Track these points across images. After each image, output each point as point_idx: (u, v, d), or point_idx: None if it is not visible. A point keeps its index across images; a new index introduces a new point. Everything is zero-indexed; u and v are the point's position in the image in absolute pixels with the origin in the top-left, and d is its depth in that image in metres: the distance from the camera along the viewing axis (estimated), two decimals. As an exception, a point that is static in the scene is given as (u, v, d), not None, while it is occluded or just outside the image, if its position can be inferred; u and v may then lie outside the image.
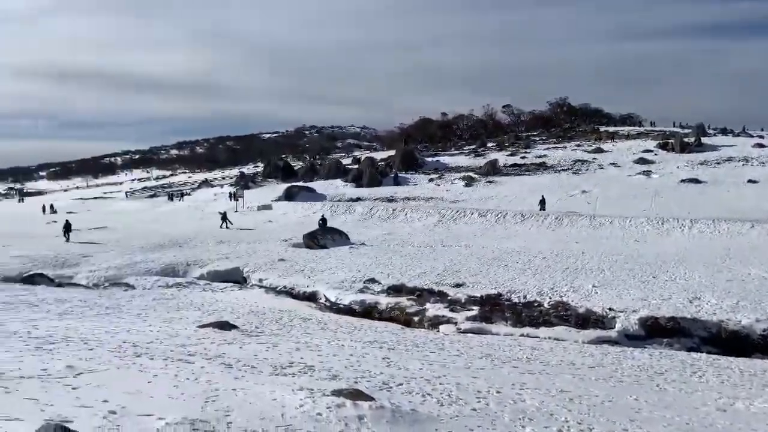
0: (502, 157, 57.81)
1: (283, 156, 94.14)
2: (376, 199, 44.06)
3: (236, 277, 22.61)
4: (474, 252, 24.72)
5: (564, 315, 15.56)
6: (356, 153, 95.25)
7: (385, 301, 18.09)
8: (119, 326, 10.96)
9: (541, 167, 53.34)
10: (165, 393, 5.96)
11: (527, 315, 15.71)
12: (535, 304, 16.49)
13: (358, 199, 44.65)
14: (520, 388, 8.04)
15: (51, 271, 22.07)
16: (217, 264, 23.80)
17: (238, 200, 45.80)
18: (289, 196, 47.11)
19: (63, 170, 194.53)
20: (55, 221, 40.44)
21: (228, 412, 5.35)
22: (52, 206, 54.96)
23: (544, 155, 57.97)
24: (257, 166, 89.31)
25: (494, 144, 70.59)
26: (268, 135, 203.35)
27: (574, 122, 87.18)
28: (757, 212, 31.13)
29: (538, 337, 14.12)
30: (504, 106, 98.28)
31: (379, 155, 69.03)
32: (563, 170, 51.33)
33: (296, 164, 75.42)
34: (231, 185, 59.22)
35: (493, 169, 51.77)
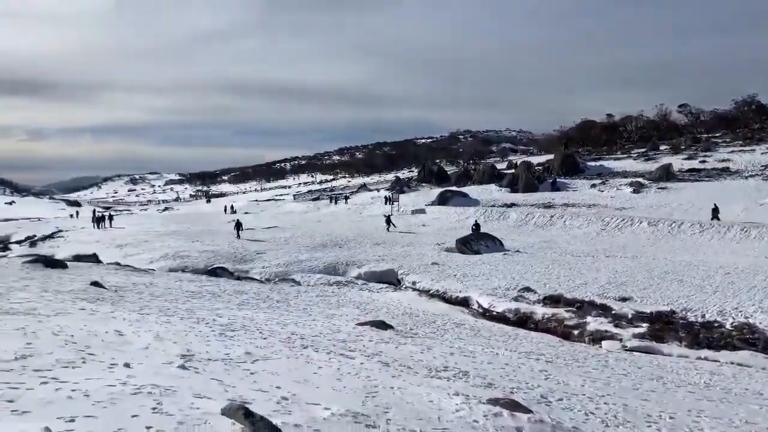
0: (677, 162, 52.77)
1: (437, 161, 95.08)
2: (531, 205, 42.72)
3: (391, 279, 23.32)
4: (643, 264, 22.89)
5: (750, 339, 13.80)
6: (511, 157, 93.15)
7: (541, 312, 17.46)
8: (288, 319, 11.85)
9: (724, 172, 47.82)
10: (329, 385, 6.31)
11: (705, 336, 14.19)
12: (716, 325, 14.82)
13: (512, 205, 43.65)
14: (697, 416, 7.28)
15: (230, 265, 24.53)
16: (373, 265, 24.74)
17: (393, 204, 47.21)
18: (442, 200, 47.49)
19: (241, 174, 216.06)
20: (234, 220, 44.94)
21: (387, 409, 5.52)
22: (232, 207, 61.19)
23: (728, 159, 51.86)
24: (412, 171, 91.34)
25: (668, 147, 64.73)
26: (422, 140, 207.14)
27: (765, 122, 76.85)
28: None
29: (718, 362, 12.67)
30: (680, 106, 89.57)
31: (536, 159, 66.78)
32: (751, 176, 45.50)
33: (450, 169, 75.85)
34: (387, 189, 61.23)
35: (666, 175, 47.52)
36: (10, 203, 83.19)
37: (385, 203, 49.34)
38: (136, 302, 12.00)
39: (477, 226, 32.31)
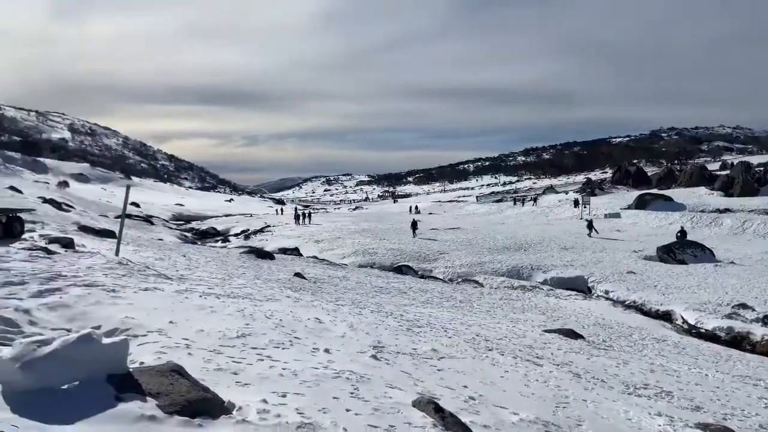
0: None
1: (635, 161, 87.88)
2: (750, 211, 37.35)
3: (580, 286, 22.08)
4: None
5: None
6: (726, 157, 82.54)
7: (760, 332, 15.21)
8: (472, 320, 11.87)
9: None
10: (516, 390, 6.18)
11: None
12: None
13: (726, 210, 38.62)
14: None
15: (415, 263, 25.32)
16: (560, 270, 23.67)
17: (584, 207, 44.68)
18: (640, 204, 43.73)
19: (425, 176, 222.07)
20: (420, 221, 46.30)
21: (580, 422, 5.25)
22: (416, 207, 63.13)
23: None
24: (605, 172, 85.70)
25: None
26: (618, 139, 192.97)
27: None
28: None
29: None
30: None
31: (756, 159, 58.25)
32: None
33: (650, 170, 69.67)
34: (576, 191, 58.18)
35: None
36: (230, 200, 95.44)
37: (575, 206, 46.85)
38: (332, 293, 12.98)
39: (683, 233, 29.15)
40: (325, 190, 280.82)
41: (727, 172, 50.88)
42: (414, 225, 35.16)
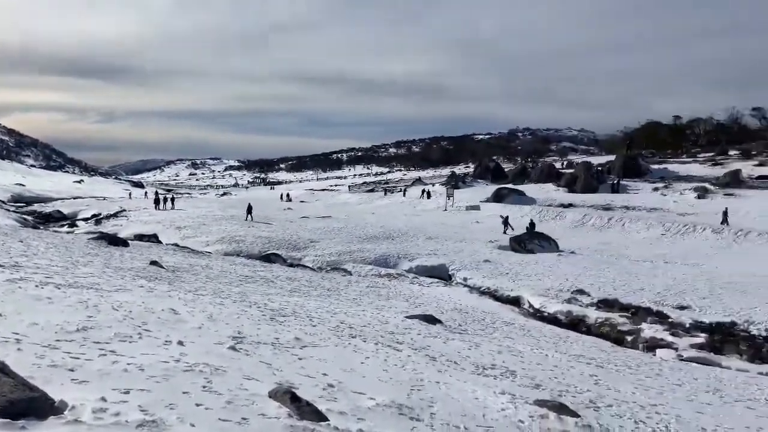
0: (748, 167, 50.10)
1: (494, 157, 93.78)
2: (590, 207, 41.51)
3: (442, 274, 23.17)
4: (704, 272, 21.91)
5: (821, 358, 12.98)
6: (571, 157, 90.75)
7: (594, 315, 16.99)
8: (338, 308, 11.98)
9: (800, 180, 45.06)
10: (375, 375, 6.34)
11: (770, 351, 13.45)
12: (782, 341, 14.02)
13: (570, 205, 42.55)
14: (757, 434, 6.93)
15: (284, 252, 25.00)
16: (425, 259, 24.65)
17: (447, 199, 46.91)
18: (497, 197, 46.81)
19: (298, 163, 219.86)
20: (291, 209, 45.77)
21: (432, 403, 5.51)
22: (288, 195, 62.32)
23: (805, 166, 48.87)
24: (468, 167, 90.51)
25: (738, 152, 61.56)
26: (481, 136, 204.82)
27: None
28: None
29: (784, 379, 11.98)
30: (754, 109, 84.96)
31: (597, 160, 64.84)
32: (830, 185, 42.72)
33: (507, 166, 74.63)
34: (442, 184, 60.85)
35: (734, 181, 45.23)
36: (79, 182, 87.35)
37: (422, 197, 51.18)
38: (192, 283, 12.41)
39: (532, 225, 31.69)
40: (190, 174, 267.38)
41: (572, 170, 56.06)
42: (249, 209, 35.13)
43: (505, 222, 34.44)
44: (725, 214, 33.61)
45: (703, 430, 6.70)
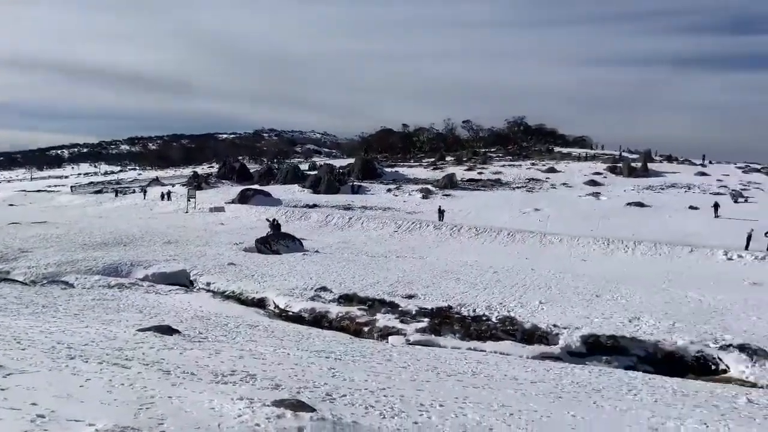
0: (460, 172, 58.63)
1: (240, 158, 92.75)
2: (332, 207, 43.90)
3: (182, 280, 22.02)
4: (428, 264, 24.88)
5: (511, 330, 15.79)
6: (315, 159, 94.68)
7: (335, 310, 17.95)
8: (54, 326, 10.50)
9: (497, 183, 54.37)
10: (97, 398, 5.72)
11: (475, 329, 15.87)
12: (484, 318, 16.68)
13: (314, 206, 44.38)
14: (463, 402, 8.08)
15: (-15, 265, 21.00)
16: (162, 265, 23.15)
17: (188, 201, 44.82)
18: (243, 198, 46.45)
19: (6, 161, 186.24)
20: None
21: (162, 420, 5.17)
22: (-9, 197, 52.53)
23: (500, 172, 59.16)
24: (212, 167, 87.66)
25: (453, 158, 71.56)
26: (225, 136, 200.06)
27: (530, 141, 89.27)
28: (696, 237, 32.50)
29: (485, 351, 14.27)
30: (464, 122, 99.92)
31: (339, 162, 68.90)
32: (518, 188, 52.44)
33: (253, 167, 74.46)
34: (183, 184, 57.90)
35: (450, 183, 52.45)
36: None
37: (162, 199, 48.61)
38: None
39: (278, 225, 32.14)
40: None
41: (316, 172, 58.59)
42: None
43: (441, 212, 38.33)
44: (441, 212, 38.96)
45: (422, 405, 7.56)
